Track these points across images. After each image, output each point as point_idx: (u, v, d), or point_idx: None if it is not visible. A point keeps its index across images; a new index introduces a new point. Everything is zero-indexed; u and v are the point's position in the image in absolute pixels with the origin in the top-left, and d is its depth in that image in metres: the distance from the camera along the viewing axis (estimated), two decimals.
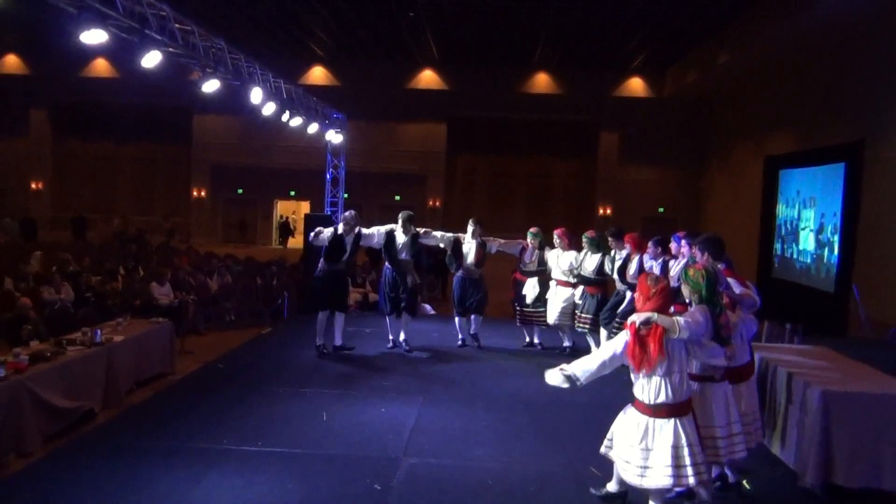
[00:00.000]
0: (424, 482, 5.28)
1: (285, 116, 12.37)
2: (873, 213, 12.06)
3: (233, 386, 7.59)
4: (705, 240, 5.64)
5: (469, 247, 9.51)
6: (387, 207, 23.49)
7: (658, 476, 4.42)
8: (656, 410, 4.45)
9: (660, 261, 7.66)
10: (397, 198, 26.83)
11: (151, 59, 8.20)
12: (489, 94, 26.31)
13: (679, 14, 17.87)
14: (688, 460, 4.40)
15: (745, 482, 5.35)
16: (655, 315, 4.43)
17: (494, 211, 26.52)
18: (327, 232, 8.80)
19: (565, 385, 4.59)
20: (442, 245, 9.66)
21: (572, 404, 7.17)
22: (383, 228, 9.26)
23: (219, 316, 11.96)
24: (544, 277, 9.44)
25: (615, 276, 8.54)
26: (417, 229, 9.34)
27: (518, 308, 9.68)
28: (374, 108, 26.20)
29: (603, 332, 8.74)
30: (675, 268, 7.04)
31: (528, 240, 9.56)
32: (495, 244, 9.64)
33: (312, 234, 8.74)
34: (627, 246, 8.34)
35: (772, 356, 6.24)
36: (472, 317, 9.66)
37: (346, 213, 9.11)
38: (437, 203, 27.50)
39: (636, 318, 4.49)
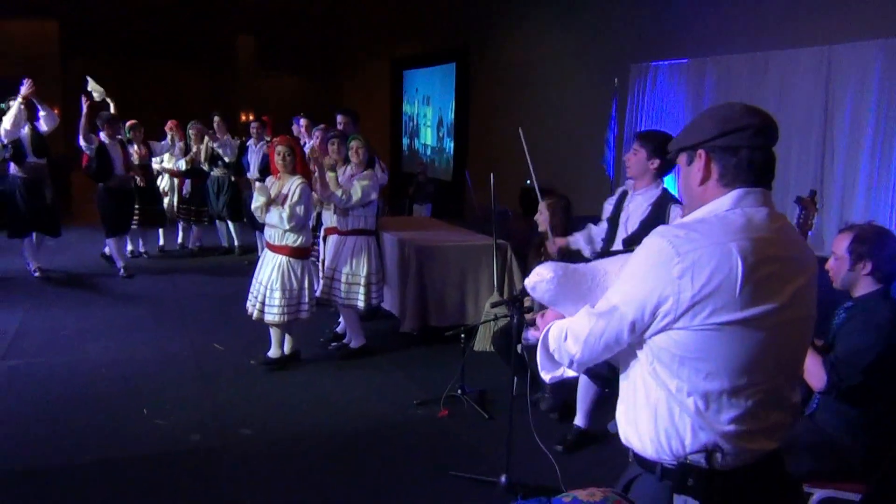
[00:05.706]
0: (26, 380, 4.90)
1: None
2: (481, 107, 13.51)
3: None
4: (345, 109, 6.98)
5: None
6: None
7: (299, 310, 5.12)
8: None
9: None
10: (2, 105, 23.21)
11: None
12: None
13: None
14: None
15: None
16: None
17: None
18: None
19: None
20: None
21: (197, 295, 7.34)
22: None
23: None
24: None
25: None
26: None
27: None
28: None
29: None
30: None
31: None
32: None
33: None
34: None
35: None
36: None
37: None
38: (56, 111, 24.36)
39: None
